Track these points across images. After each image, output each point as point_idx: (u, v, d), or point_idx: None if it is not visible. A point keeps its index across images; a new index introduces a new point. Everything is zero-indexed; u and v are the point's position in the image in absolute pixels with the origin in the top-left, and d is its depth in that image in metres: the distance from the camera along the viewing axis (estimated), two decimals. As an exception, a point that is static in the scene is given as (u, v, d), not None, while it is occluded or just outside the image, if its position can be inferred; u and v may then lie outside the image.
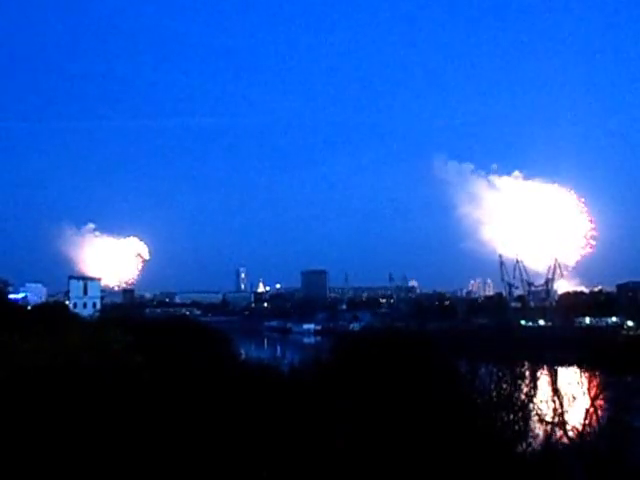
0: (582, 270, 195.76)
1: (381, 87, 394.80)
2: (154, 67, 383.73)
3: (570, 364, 32.56)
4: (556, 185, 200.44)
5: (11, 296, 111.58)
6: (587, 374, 28.30)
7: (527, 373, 28.88)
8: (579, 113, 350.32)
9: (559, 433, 25.78)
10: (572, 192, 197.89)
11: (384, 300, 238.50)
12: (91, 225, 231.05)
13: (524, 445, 25.56)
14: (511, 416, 26.46)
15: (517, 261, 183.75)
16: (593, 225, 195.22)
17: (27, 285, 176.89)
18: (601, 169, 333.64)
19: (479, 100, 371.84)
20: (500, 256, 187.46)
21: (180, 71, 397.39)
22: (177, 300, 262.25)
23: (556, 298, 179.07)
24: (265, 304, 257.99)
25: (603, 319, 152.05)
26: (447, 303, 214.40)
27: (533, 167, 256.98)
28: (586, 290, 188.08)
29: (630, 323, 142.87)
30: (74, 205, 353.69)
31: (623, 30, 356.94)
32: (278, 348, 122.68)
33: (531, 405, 27.00)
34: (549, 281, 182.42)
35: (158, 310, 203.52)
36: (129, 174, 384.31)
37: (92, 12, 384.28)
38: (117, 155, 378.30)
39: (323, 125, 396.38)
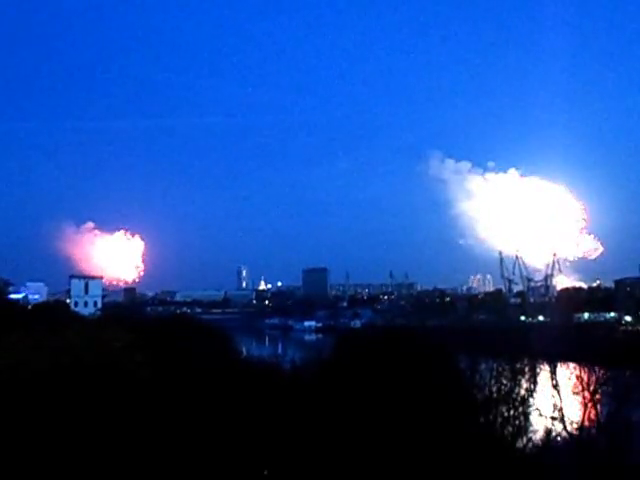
0: (581, 266, 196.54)
1: (379, 86, 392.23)
2: (155, 67, 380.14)
3: (569, 359, 32.64)
4: (552, 182, 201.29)
5: (12, 296, 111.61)
6: (586, 369, 28.40)
7: (526, 369, 29.02)
8: (576, 111, 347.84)
9: (559, 428, 25.92)
10: (569, 189, 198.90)
11: (385, 297, 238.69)
12: (90, 224, 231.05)
13: (524, 440, 25.71)
14: (511, 411, 26.61)
15: (516, 257, 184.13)
16: (588, 220, 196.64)
17: (28, 284, 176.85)
18: (598, 166, 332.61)
19: (475, 98, 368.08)
20: (500, 252, 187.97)
21: (181, 71, 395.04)
22: (178, 298, 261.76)
23: (555, 294, 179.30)
24: (266, 302, 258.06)
25: (601, 314, 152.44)
26: (447, 300, 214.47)
27: (529, 165, 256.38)
28: (585, 286, 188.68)
29: (628, 318, 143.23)
30: (74, 204, 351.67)
31: (621, 29, 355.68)
32: (279, 345, 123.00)
33: (531, 400, 27.15)
34: (548, 277, 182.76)
35: (159, 308, 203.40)
36: (130, 173, 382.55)
37: (92, 12, 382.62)
38: (116, 154, 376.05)
39: (323, 124, 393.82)
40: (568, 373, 29.01)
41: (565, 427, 25.76)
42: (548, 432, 25.88)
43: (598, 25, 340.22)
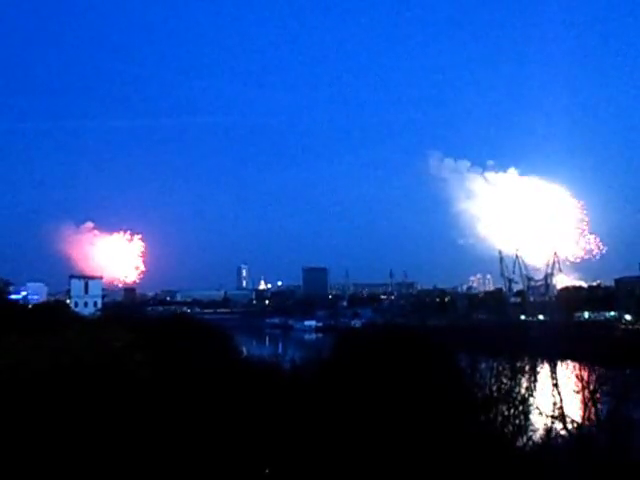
0: (581, 265, 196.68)
1: (378, 86, 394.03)
2: (155, 67, 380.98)
3: (569, 358, 32.69)
4: (551, 182, 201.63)
5: (12, 296, 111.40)
6: (586, 368, 28.43)
7: (527, 367, 29.03)
8: (576, 111, 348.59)
9: (559, 426, 25.93)
10: (568, 188, 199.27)
11: (385, 296, 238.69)
12: (90, 224, 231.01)
13: (524, 438, 25.72)
14: (511, 410, 26.61)
15: (516, 256, 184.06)
16: (588, 219, 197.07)
17: (28, 284, 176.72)
18: (597, 165, 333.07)
19: (475, 98, 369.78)
20: (500, 252, 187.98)
21: (181, 71, 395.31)
22: (178, 298, 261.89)
23: (555, 293, 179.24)
24: (266, 301, 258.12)
25: (601, 313, 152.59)
26: (447, 299, 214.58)
27: (529, 164, 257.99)
28: (585, 285, 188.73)
29: (628, 317, 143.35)
30: (73, 204, 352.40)
31: (621, 30, 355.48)
32: (279, 345, 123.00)
33: (531, 399, 27.16)
34: (548, 276, 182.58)
35: (160, 308, 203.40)
36: (129, 173, 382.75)
37: (92, 12, 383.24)
38: (117, 154, 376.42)
39: (323, 124, 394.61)
40: (568, 372, 29.05)
41: (565, 426, 25.75)
42: (548, 431, 25.88)
43: (598, 26, 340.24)
